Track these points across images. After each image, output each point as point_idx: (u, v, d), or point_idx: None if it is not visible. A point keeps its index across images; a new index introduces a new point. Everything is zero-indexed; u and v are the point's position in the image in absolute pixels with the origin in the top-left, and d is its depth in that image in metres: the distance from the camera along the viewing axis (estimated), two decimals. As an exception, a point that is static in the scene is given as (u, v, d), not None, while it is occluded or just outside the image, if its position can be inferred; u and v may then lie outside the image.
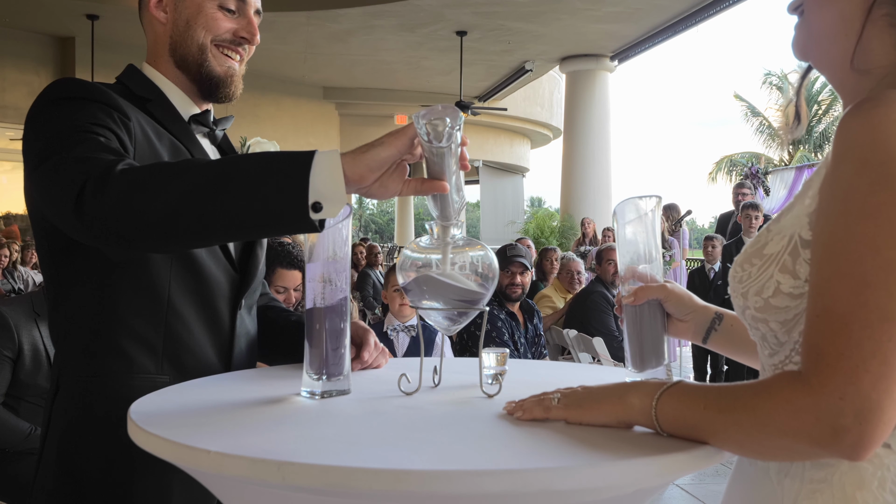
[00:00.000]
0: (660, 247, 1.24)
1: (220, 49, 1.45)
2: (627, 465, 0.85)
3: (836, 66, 0.99)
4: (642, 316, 1.21)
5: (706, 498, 4.39)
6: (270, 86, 14.25)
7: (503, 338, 4.18)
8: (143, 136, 1.33)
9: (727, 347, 1.27)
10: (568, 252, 7.52)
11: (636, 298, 1.20)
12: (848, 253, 0.82)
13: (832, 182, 0.86)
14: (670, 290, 1.22)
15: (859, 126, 0.84)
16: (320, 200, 1.05)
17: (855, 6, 0.94)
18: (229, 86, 1.47)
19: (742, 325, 1.23)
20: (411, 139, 1.10)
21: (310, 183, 1.04)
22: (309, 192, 1.04)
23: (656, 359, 1.20)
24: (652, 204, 1.21)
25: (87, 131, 1.22)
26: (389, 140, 1.10)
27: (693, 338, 1.27)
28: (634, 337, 1.21)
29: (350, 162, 1.08)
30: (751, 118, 27.19)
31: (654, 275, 1.22)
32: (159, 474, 1.28)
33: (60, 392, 1.34)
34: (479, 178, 21.01)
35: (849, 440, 0.80)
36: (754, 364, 1.24)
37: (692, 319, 1.25)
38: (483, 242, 1.25)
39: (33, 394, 2.95)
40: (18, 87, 11.89)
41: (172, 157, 1.36)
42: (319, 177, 1.05)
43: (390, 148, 1.09)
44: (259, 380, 1.33)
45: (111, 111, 1.29)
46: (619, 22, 11.10)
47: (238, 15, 1.46)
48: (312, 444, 0.93)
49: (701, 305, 1.26)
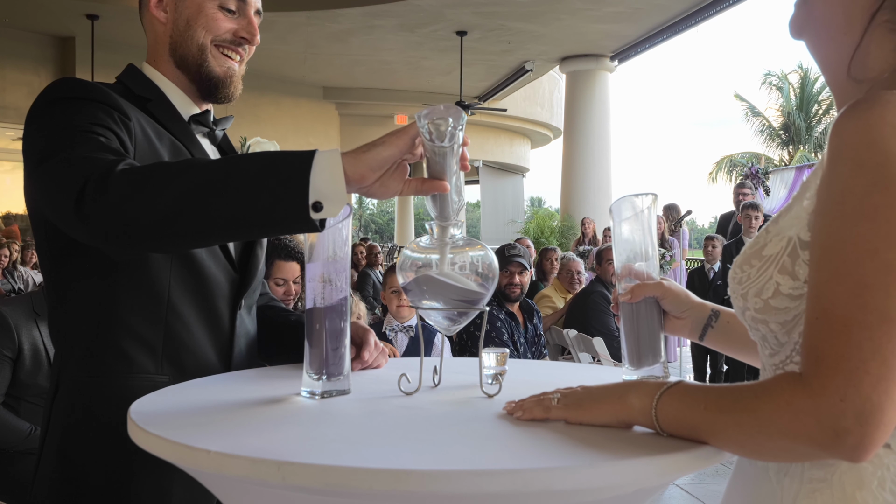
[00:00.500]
0: (656, 244, 1.24)
1: (219, 49, 1.45)
2: (627, 465, 0.85)
3: (832, 63, 0.99)
4: (639, 313, 1.22)
5: (706, 498, 4.39)
6: (270, 86, 14.25)
7: (503, 338, 4.18)
8: (144, 135, 1.33)
9: (724, 344, 1.27)
10: (568, 252, 7.52)
11: (633, 296, 1.21)
12: (846, 255, 0.82)
13: (828, 184, 0.86)
14: (667, 287, 1.23)
15: (854, 127, 0.84)
16: (321, 200, 1.05)
17: (860, 8, 0.94)
18: (228, 86, 1.47)
19: (739, 323, 1.23)
20: (412, 139, 1.10)
21: (310, 182, 1.04)
22: (310, 192, 1.04)
23: (653, 356, 1.21)
24: (648, 202, 1.21)
25: (87, 131, 1.22)
26: (391, 139, 1.10)
27: (690, 335, 1.27)
28: (631, 334, 1.23)
29: (351, 161, 1.08)
30: (751, 118, 27.20)
31: (650, 272, 1.23)
32: (159, 474, 1.28)
33: (60, 391, 1.35)
34: (479, 178, 21.02)
35: (850, 442, 0.80)
36: (752, 361, 1.24)
37: (689, 317, 1.25)
38: (483, 242, 1.25)
39: (33, 394, 2.95)
40: (18, 86, 11.89)
41: (172, 157, 1.36)
42: (320, 176, 1.05)
43: (391, 147, 1.09)
44: (259, 380, 1.33)
45: (111, 111, 1.29)
46: (619, 22, 11.10)
47: (238, 15, 1.46)
48: (312, 444, 0.93)
49: (698, 303, 1.26)
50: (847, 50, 0.95)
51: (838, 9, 0.96)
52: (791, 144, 26.72)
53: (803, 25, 1.01)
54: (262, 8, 1.50)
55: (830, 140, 0.87)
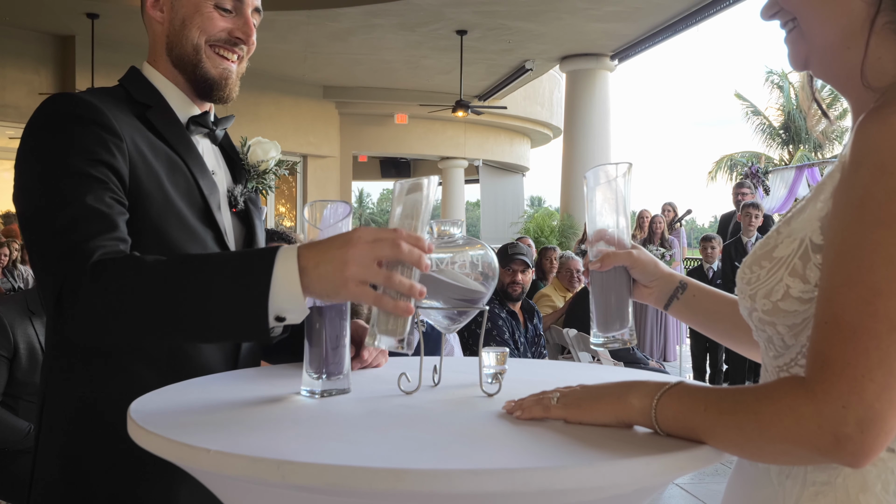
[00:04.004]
0: (628, 213, 1.26)
1: (214, 49, 1.43)
2: (627, 464, 0.85)
3: (841, 78, 0.98)
4: (608, 281, 1.24)
5: (706, 497, 4.39)
6: (270, 85, 14.23)
7: (504, 336, 4.18)
8: (138, 154, 1.31)
9: (688, 316, 1.31)
10: (567, 251, 7.53)
11: (602, 265, 1.23)
12: (860, 261, 0.81)
13: (848, 188, 0.85)
14: (636, 256, 1.25)
15: (878, 132, 0.83)
16: (281, 315, 1.06)
17: (857, 18, 0.92)
18: (223, 88, 1.45)
19: (706, 298, 1.28)
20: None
21: (269, 305, 1.04)
22: (269, 315, 1.04)
23: (620, 322, 1.24)
24: (623, 169, 1.22)
25: (78, 178, 1.22)
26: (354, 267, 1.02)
27: (656, 303, 1.31)
28: (601, 301, 1.25)
29: (315, 283, 1.04)
30: (751, 117, 27.18)
31: (622, 238, 1.24)
32: (167, 479, 1.28)
33: (52, 393, 1.35)
34: (479, 178, 21.00)
35: (850, 448, 0.79)
36: (715, 336, 1.31)
37: (656, 286, 1.29)
38: (483, 241, 1.26)
39: (31, 392, 2.95)
40: (18, 85, 11.87)
41: (169, 173, 1.35)
42: (279, 296, 1.04)
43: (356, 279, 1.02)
44: (259, 379, 1.33)
45: (104, 137, 1.26)
46: (619, 21, 11.10)
47: (235, 14, 1.44)
48: (312, 444, 0.93)
49: (666, 273, 1.30)
50: (854, 62, 0.94)
51: (835, 28, 0.94)
52: (791, 144, 26.69)
53: (807, 57, 0.99)
54: (261, 7, 1.49)
55: (853, 143, 0.86)
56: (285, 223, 16.10)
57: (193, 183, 1.38)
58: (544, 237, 12.55)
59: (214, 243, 1.39)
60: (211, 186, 1.42)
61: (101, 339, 1.16)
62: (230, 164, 1.55)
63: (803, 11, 0.96)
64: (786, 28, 1.00)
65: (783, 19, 1.00)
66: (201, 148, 1.47)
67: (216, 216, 1.40)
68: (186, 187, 1.37)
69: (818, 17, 0.95)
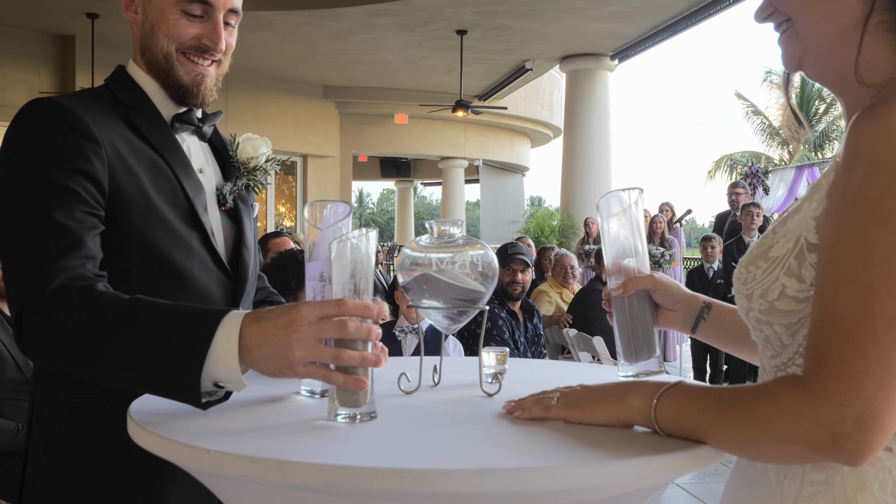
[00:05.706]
0: (644, 239, 1.25)
1: (186, 56, 1.39)
2: (627, 464, 0.85)
3: (834, 77, 0.98)
4: (632, 307, 1.22)
5: (706, 497, 4.39)
6: (270, 85, 14.23)
7: (504, 336, 4.18)
8: (118, 159, 1.29)
9: (716, 337, 1.27)
10: (561, 248, 7.58)
11: (625, 290, 1.21)
12: (855, 259, 0.81)
13: (842, 186, 0.85)
14: (658, 279, 1.23)
15: (871, 130, 0.83)
16: (219, 383, 1.04)
17: (851, 17, 0.92)
18: (197, 95, 1.41)
19: (731, 316, 1.23)
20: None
21: (203, 373, 1.01)
22: (200, 383, 1.01)
23: (647, 350, 1.21)
24: (635, 196, 1.22)
25: (50, 191, 1.20)
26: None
27: (682, 328, 1.27)
28: (625, 329, 1.22)
29: (260, 362, 1.01)
30: (751, 117, 27.17)
31: (640, 268, 1.23)
32: (160, 479, 1.28)
33: (41, 395, 1.35)
34: (480, 178, 21.00)
35: (848, 446, 0.80)
36: (743, 355, 1.25)
37: (681, 309, 1.25)
38: (483, 241, 1.26)
39: (6, 389, 2.96)
40: (18, 85, 11.86)
41: (152, 176, 1.33)
42: (216, 366, 1.01)
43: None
44: (259, 379, 1.33)
45: (82, 144, 1.25)
46: (619, 21, 11.09)
47: (205, 19, 1.38)
48: (312, 443, 0.93)
49: (689, 294, 1.26)
50: (847, 61, 0.93)
51: (830, 27, 0.94)
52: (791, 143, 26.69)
53: (801, 58, 0.99)
54: (240, 7, 1.43)
55: (846, 142, 0.86)
56: (285, 223, 16.10)
57: (177, 185, 1.35)
58: (544, 237, 12.55)
59: (200, 245, 1.37)
60: (196, 187, 1.39)
61: (52, 368, 1.21)
62: (220, 161, 1.53)
63: (798, 11, 0.96)
64: (780, 29, 1.00)
65: (777, 20, 1.00)
66: (188, 146, 1.44)
67: (202, 217, 1.37)
68: (170, 190, 1.34)
69: (813, 16, 0.95)
